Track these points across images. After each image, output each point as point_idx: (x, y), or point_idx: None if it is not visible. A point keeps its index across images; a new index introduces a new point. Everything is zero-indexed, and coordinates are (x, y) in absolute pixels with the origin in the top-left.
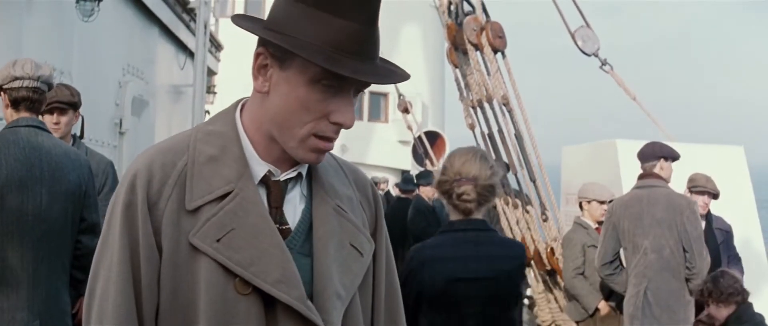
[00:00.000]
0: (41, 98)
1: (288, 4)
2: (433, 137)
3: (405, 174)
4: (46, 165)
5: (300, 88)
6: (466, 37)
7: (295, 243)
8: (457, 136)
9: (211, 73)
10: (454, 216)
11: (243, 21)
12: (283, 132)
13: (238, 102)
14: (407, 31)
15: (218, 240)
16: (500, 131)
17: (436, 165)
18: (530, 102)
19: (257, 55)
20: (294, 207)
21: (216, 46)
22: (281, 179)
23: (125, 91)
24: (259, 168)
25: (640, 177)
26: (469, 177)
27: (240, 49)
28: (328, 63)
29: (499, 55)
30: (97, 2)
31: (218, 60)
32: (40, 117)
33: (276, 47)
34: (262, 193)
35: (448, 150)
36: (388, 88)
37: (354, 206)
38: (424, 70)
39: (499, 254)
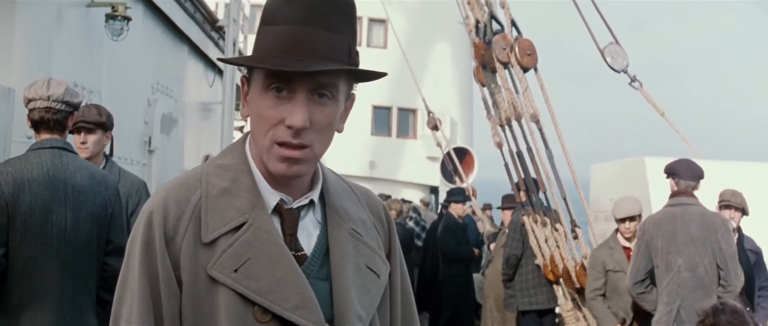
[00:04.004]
0: (58, 117)
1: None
2: (462, 153)
3: (453, 189)
4: (71, 188)
5: (256, 99)
6: (495, 56)
7: (312, 268)
8: (486, 151)
9: (239, 89)
10: None
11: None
12: (258, 148)
13: (246, 134)
14: (436, 47)
15: (235, 270)
16: (529, 149)
17: (465, 182)
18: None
19: (241, 85)
20: (308, 234)
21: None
22: (294, 207)
23: (154, 109)
24: (272, 197)
25: (673, 194)
26: None
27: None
28: (255, 61)
29: (530, 72)
30: (126, 22)
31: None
32: (68, 136)
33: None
34: (276, 222)
35: (476, 166)
36: (417, 105)
37: (368, 229)
38: (452, 87)
39: None
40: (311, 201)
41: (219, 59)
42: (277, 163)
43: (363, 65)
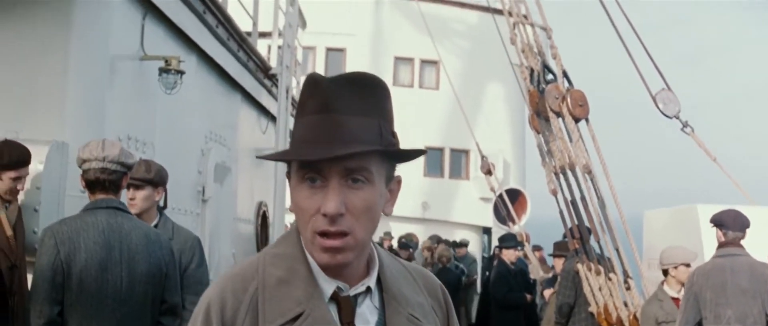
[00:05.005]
0: (113, 178)
1: None
2: (515, 194)
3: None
4: (126, 248)
5: (295, 191)
6: (548, 105)
7: None
8: (539, 192)
9: (293, 135)
10: None
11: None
12: (303, 240)
13: None
14: (488, 88)
15: None
16: (583, 198)
17: (518, 224)
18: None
19: (287, 178)
20: (366, 321)
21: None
22: (350, 294)
23: (208, 159)
24: (328, 286)
25: (721, 245)
26: None
27: None
28: (283, 155)
29: (582, 122)
30: (179, 75)
31: None
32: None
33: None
34: (333, 311)
35: (529, 207)
36: (470, 145)
37: (426, 312)
38: (505, 127)
39: None
40: (368, 288)
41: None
42: (320, 253)
43: (416, 106)
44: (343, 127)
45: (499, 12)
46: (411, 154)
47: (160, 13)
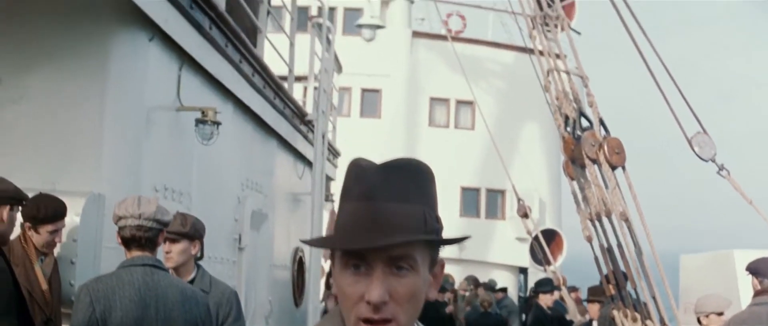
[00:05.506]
0: (150, 235)
1: None
2: (551, 234)
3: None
4: (162, 306)
5: (338, 277)
6: (584, 152)
7: None
8: (576, 228)
9: (328, 179)
10: None
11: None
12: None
13: None
14: (524, 127)
15: None
16: (619, 245)
17: (554, 265)
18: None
19: (331, 262)
20: None
21: (334, 153)
22: None
23: (244, 206)
24: None
25: (757, 293)
26: None
27: (357, 154)
28: (328, 242)
29: (618, 169)
30: (216, 126)
31: (335, 166)
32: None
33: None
34: None
35: (565, 248)
36: (506, 185)
37: None
38: (541, 166)
39: None
40: None
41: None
42: None
43: (452, 147)
44: (387, 216)
45: (534, 52)
46: (454, 241)
47: (195, 64)
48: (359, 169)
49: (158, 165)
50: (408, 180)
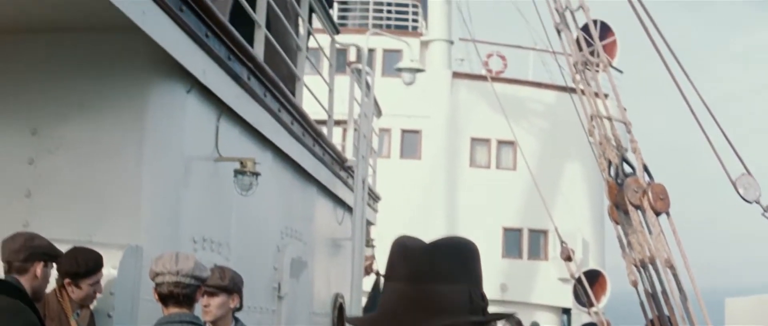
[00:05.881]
0: (188, 291)
1: None
2: (595, 275)
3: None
4: None
5: None
6: (628, 199)
7: None
8: (620, 270)
9: (368, 224)
10: None
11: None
12: None
13: None
14: (566, 167)
15: None
16: (664, 291)
17: (598, 306)
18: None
19: None
20: None
21: (374, 197)
22: None
23: (283, 255)
24: None
25: None
26: None
27: (397, 196)
28: (369, 324)
29: (662, 215)
30: (255, 177)
31: (376, 211)
32: None
33: None
34: None
35: (609, 288)
36: (548, 226)
37: None
38: (584, 205)
39: None
40: None
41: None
42: None
43: (493, 187)
44: (433, 298)
45: (575, 91)
46: (500, 317)
47: (234, 114)
48: (405, 249)
49: (196, 215)
50: (453, 260)
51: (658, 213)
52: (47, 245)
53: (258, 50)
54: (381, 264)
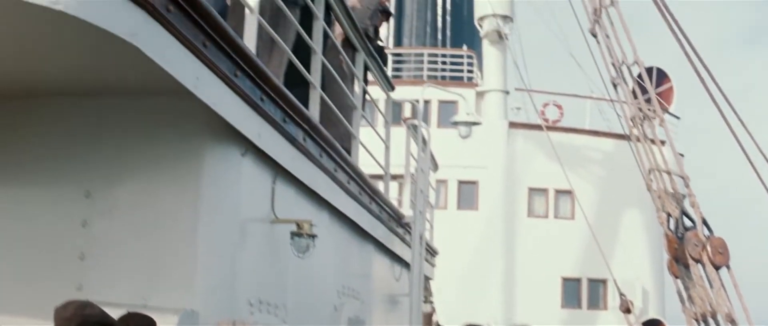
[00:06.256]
0: None
1: None
2: (655, 325)
3: None
4: None
5: None
6: (688, 252)
7: None
8: (680, 320)
9: (426, 279)
10: None
11: None
12: None
13: None
14: (625, 214)
15: None
16: None
17: None
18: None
19: None
20: None
21: (431, 252)
22: None
23: (341, 314)
24: None
25: None
26: None
27: (454, 248)
28: None
29: (722, 269)
30: (312, 239)
31: (433, 266)
32: None
33: None
34: None
35: None
36: (607, 275)
37: None
38: (643, 253)
39: None
40: None
41: None
42: None
43: (552, 237)
44: None
45: (631, 138)
46: None
47: (290, 175)
48: None
49: (253, 278)
50: None
51: (718, 267)
52: (99, 313)
53: (313, 111)
54: (440, 317)
